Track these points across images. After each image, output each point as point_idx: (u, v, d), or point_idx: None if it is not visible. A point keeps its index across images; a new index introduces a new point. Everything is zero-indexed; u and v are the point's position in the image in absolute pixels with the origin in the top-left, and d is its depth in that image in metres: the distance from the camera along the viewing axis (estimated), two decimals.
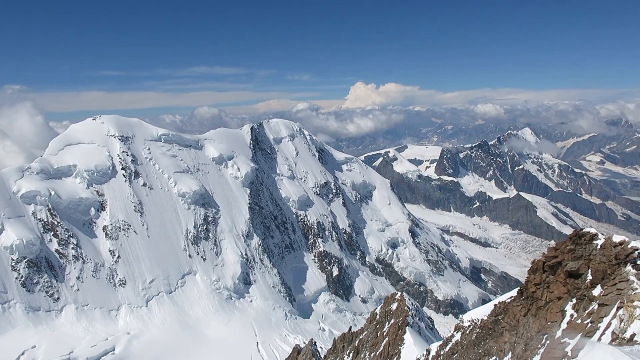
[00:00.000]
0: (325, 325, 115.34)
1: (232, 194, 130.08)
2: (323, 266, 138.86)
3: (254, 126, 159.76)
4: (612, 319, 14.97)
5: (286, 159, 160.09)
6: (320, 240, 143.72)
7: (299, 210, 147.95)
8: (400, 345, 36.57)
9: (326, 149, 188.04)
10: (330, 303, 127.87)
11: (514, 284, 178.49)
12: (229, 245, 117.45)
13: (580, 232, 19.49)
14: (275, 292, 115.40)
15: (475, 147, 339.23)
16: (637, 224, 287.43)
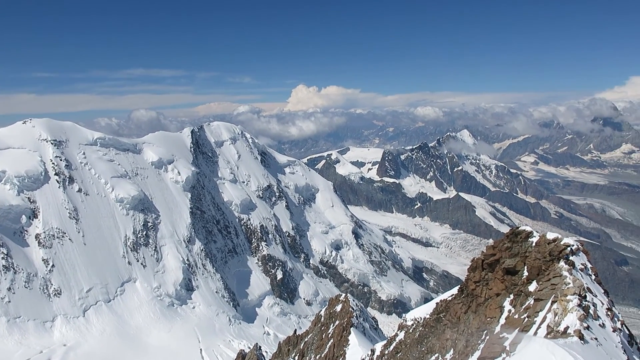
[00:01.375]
0: (270, 329, 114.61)
1: (172, 198, 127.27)
2: (267, 270, 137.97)
3: (194, 129, 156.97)
4: (547, 313, 15.44)
5: (228, 163, 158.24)
6: (263, 244, 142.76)
7: (241, 214, 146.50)
8: (345, 346, 36.69)
9: (268, 152, 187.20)
10: (275, 307, 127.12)
11: (455, 282, 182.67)
12: (170, 251, 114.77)
13: (516, 231, 20.12)
14: (219, 297, 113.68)
15: (415, 149, 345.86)
16: (569, 221, 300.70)
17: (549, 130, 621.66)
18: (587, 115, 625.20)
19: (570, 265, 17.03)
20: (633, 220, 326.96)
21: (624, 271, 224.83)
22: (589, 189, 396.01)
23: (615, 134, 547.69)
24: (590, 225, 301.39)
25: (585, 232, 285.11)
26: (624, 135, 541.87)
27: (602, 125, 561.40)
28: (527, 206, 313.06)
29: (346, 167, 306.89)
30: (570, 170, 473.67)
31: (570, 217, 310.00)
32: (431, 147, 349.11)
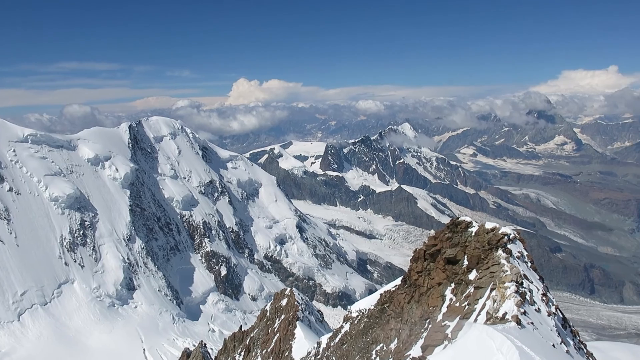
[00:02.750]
0: (215, 326, 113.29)
1: (110, 196, 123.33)
2: (211, 266, 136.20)
3: (132, 124, 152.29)
4: (486, 300, 15.86)
5: (168, 158, 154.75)
6: (206, 240, 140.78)
7: (183, 210, 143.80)
8: (292, 340, 36.67)
9: (210, 147, 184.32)
10: (220, 303, 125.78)
11: (398, 273, 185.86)
12: (109, 250, 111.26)
13: (457, 221, 20.56)
14: (162, 295, 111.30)
15: (358, 142, 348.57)
16: (507, 211, 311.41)
17: (487, 123, 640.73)
18: (522, 108, 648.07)
19: (507, 254, 17.53)
20: (566, 209, 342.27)
21: (557, 258, 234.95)
22: (525, 179, 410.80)
23: (548, 126, 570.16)
24: (526, 215, 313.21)
25: (522, 221, 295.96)
26: (557, 127, 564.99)
27: (537, 118, 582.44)
28: (467, 197, 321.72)
29: (289, 161, 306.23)
30: (507, 162, 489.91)
31: (508, 207, 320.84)
32: (373, 140, 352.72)
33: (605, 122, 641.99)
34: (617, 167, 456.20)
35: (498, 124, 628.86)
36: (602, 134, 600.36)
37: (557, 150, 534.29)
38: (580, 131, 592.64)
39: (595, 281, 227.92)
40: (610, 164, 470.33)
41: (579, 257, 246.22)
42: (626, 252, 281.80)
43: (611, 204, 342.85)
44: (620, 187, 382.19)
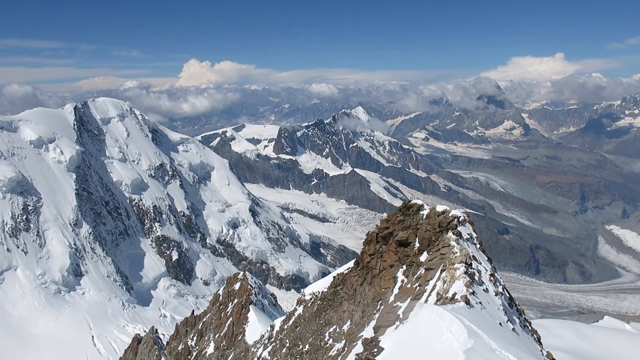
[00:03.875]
0: (166, 312, 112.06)
1: (55, 180, 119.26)
2: (162, 251, 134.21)
3: (77, 106, 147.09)
4: (436, 281, 16.03)
5: (116, 141, 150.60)
6: (157, 225, 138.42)
7: (132, 194, 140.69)
8: (245, 323, 36.51)
9: (160, 129, 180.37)
10: (171, 288, 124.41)
11: (351, 255, 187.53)
12: (54, 235, 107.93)
13: (408, 204, 20.68)
14: (110, 281, 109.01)
15: (311, 125, 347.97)
16: (457, 194, 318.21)
17: (439, 108, 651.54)
18: (473, 93, 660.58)
19: (457, 236, 17.77)
20: (513, 192, 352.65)
21: (505, 239, 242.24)
22: (475, 163, 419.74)
23: (498, 111, 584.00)
24: (476, 198, 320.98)
25: (471, 204, 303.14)
26: (506, 112, 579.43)
27: (487, 103, 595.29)
28: (419, 180, 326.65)
29: (242, 145, 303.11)
30: (458, 146, 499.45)
31: (458, 190, 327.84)
32: (327, 124, 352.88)
33: (552, 108, 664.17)
34: (562, 151, 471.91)
35: (449, 108, 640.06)
36: (549, 120, 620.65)
37: (506, 134, 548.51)
38: (528, 116, 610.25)
39: (540, 261, 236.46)
40: (555, 149, 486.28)
41: (525, 238, 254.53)
42: (569, 234, 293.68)
43: (556, 187, 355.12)
44: (564, 171, 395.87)
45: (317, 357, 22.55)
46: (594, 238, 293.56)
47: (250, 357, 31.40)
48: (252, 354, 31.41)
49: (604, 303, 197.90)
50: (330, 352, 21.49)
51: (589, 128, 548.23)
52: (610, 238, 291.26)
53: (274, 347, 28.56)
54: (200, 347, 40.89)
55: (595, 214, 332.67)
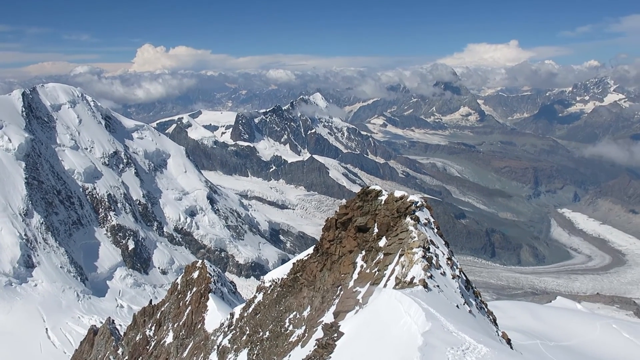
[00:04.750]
0: (123, 302, 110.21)
1: (3, 168, 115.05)
2: (117, 240, 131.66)
3: (25, 91, 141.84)
4: (395, 265, 16.18)
5: (68, 128, 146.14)
6: (112, 214, 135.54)
7: (86, 182, 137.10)
8: (204, 312, 36.30)
9: (113, 116, 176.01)
10: (128, 278, 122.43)
11: (311, 242, 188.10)
12: (4, 226, 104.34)
13: (367, 190, 20.78)
14: (64, 272, 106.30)
15: (269, 112, 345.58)
16: (415, 180, 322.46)
17: (396, 94, 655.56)
18: (430, 79, 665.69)
19: (415, 221, 17.95)
20: (470, 177, 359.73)
21: (462, 224, 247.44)
22: (432, 149, 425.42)
23: (454, 97, 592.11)
24: (433, 183, 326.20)
25: (429, 189, 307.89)
26: (462, 99, 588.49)
27: (443, 90, 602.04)
28: (377, 166, 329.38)
29: (198, 131, 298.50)
30: (416, 132, 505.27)
31: (416, 175, 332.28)
32: (285, 110, 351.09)
33: (506, 94, 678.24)
34: (516, 137, 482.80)
35: (407, 94, 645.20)
36: (503, 106, 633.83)
37: (462, 120, 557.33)
38: (483, 103, 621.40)
39: (496, 245, 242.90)
40: (510, 134, 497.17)
41: (481, 222, 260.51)
42: (523, 217, 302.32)
43: (511, 172, 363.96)
44: (518, 156, 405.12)
45: (278, 343, 22.56)
46: (546, 221, 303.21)
47: (210, 345, 31.22)
48: (212, 343, 31.23)
49: (557, 284, 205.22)
50: (291, 338, 21.53)
51: (542, 114, 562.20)
52: (562, 221, 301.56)
53: (234, 335, 28.45)
54: (158, 337, 40.47)
55: (548, 198, 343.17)
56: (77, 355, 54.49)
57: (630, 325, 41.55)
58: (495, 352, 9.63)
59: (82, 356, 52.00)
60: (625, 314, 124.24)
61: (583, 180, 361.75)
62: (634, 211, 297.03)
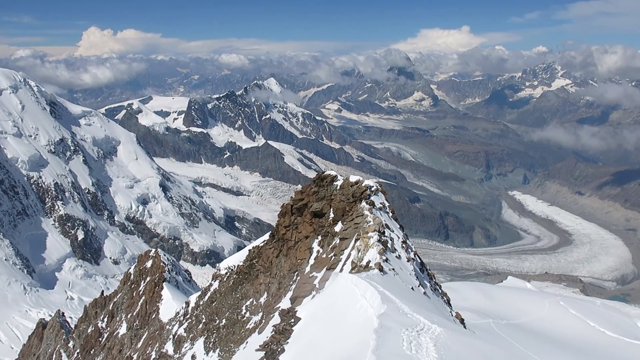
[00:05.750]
0: (73, 294, 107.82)
1: None
2: (66, 231, 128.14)
3: None
4: (351, 250, 16.28)
5: (10, 114, 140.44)
6: (60, 203, 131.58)
7: (30, 171, 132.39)
8: (159, 301, 35.93)
9: (59, 101, 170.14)
10: (78, 269, 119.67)
11: (267, 228, 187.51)
12: None
13: (322, 175, 20.78)
14: (9, 265, 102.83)
15: (223, 97, 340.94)
16: (370, 164, 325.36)
17: (350, 79, 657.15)
18: (384, 65, 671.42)
19: (370, 205, 18.07)
20: (423, 161, 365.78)
21: (416, 207, 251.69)
22: (387, 134, 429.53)
23: (408, 82, 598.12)
24: (388, 168, 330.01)
25: (384, 173, 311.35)
26: (415, 84, 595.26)
27: (397, 75, 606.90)
28: (332, 152, 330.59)
29: (150, 117, 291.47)
30: (370, 117, 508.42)
31: (371, 160, 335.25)
32: (238, 95, 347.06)
33: (459, 80, 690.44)
34: (468, 121, 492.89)
35: (361, 80, 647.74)
36: (456, 91, 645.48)
37: (415, 105, 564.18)
38: (436, 88, 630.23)
39: (450, 227, 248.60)
40: (462, 119, 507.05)
41: (435, 206, 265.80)
42: (476, 200, 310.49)
43: (463, 156, 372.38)
44: (471, 140, 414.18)
45: (235, 330, 22.45)
46: (498, 203, 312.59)
47: (165, 335, 30.84)
48: (167, 332, 30.86)
49: (508, 264, 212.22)
50: (248, 325, 21.45)
51: (493, 99, 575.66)
52: (512, 203, 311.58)
53: (189, 324, 28.19)
54: (111, 329, 39.81)
55: (499, 181, 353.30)
56: (25, 350, 53.04)
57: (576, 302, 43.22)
58: (448, 332, 9.79)
59: (30, 351, 50.66)
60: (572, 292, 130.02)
61: (532, 164, 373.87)
62: (580, 192, 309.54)
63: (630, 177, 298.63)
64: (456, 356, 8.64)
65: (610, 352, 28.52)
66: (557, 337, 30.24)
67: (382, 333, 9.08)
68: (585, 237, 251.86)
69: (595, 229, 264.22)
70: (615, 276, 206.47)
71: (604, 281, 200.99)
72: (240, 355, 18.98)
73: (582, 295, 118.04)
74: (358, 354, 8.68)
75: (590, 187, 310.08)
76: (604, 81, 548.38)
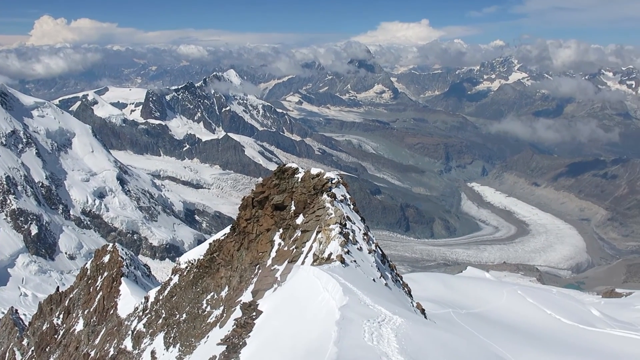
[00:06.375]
0: (27, 290, 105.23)
1: None
2: (18, 225, 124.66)
3: None
4: (313, 242, 16.34)
5: None
6: (12, 197, 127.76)
7: None
8: (117, 297, 35.61)
9: (10, 92, 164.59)
10: (32, 265, 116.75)
11: (228, 222, 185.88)
12: None
13: (283, 168, 20.77)
14: None
15: (181, 89, 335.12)
16: (331, 157, 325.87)
17: (311, 71, 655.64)
18: (344, 57, 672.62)
19: (332, 197, 18.13)
20: (384, 153, 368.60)
21: (377, 199, 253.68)
22: (347, 126, 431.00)
23: (368, 75, 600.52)
24: (349, 160, 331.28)
25: (345, 166, 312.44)
26: (376, 76, 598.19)
27: (358, 67, 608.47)
28: (293, 144, 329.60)
29: (106, 109, 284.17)
30: (331, 109, 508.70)
31: (332, 152, 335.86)
32: (197, 87, 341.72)
33: (418, 72, 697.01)
34: (428, 114, 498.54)
35: (322, 72, 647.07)
36: (416, 84, 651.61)
37: (376, 98, 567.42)
38: (396, 80, 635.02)
39: (410, 219, 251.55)
40: (422, 112, 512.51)
41: (396, 198, 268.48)
42: (436, 192, 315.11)
43: (423, 148, 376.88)
44: (430, 133, 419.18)
45: (195, 325, 22.27)
46: (457, 195, 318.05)
47: (124, 331, 30.41)
48: (126, 328, 30.43)
49: (467, 255, 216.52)
50: (209, 320, 21.31)
51: (452, 92, 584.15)
52: (471, 194, 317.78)
53: (149, 319, 27.84)
54: (67, 325, 39.13)
55: (459, 173, 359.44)
56: None
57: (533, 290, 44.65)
58: (409, 323, 9.89)
59: None
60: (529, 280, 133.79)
61: (490, 155, 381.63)
62: (536, 184, 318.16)
63: (584, 168, 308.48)
64: (417, 346, 8.74)
65: (566, 339, 29.51)
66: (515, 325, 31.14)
67: (343, 325, 9.11)
68: (542, 227, 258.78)
69: (551, 219, 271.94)
70: (570, 265, 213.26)
71: (560, 270, 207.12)
72: (201, 349, 18.82)
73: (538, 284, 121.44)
74: (320, 346, 8.68)
75: (546, 179, 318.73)
76: (558, 75, 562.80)
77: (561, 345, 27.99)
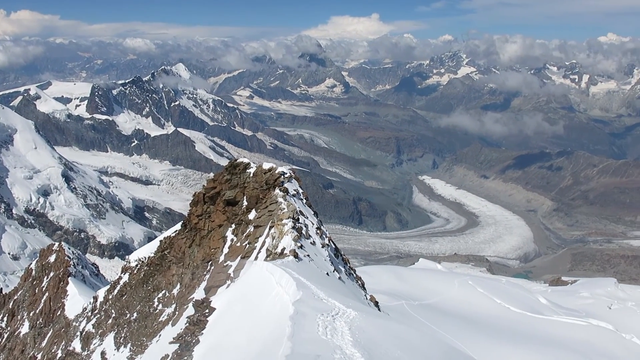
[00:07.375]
0: None
1: None
2: None
3: None
4: (266, 238, 16.35)
5: None
6: None
7: None
8: (64, 297, 34.81)
9: None
10: None
11: (178, 218, 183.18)
12: None
13: (235, 163, 20.65)
14: None
15: (129, 83, 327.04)
16: (283, 151, 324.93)
17: (262, 65, 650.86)
18: (295, 51, 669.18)
19: (284, 192, 18.16)
20: (336, 147, 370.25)
21: (330, 193, 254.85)
22: (299, 120, 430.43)
23: (320, 69, 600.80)
24: (302, 154, 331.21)
25: (297, 160, 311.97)
26: (327, 70, 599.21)
27: (309, 61, 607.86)
28: (245, 139, 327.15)
29: (49, 104, 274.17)
30: (282, 104, 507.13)
31: (284, 147, 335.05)
32: (145, 81, 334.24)
33: (369, 67, 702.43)
34: (379, 108, 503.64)
35: (273, 66, 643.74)
36: (367, 78, 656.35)
37: (327, 92, 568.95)
38: (347, 75, 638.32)
39: (363, 213, 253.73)
40: (373, 105, 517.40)
41: (348, 191, 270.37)
42: (388, 185, 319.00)
43: (375, 142, 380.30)
44: (382, 127, 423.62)
45: (147, 324, 21.92)
46: (409, 188, 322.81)
47: (72, 332, 29.68)
48: (74, 329, 29.71)
49: (419, 247, 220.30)
50: (161, 318, 21.01)
51: (402, 86, 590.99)
52: (422, 187, 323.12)
53: (98, 319, 27.27)
54: (12, 328, 38.08)
55: (410, 166, 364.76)
56: None
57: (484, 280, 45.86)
58: (363, 315, 10.04)
59: None
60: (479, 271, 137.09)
61: (440, 149, 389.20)
62: (485, 176, 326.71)
63: (530, 160, 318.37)
64: (371, 339, 8.87)
65: (515, 327, 30.53)
66: (466, 314, 31.95)
67: (297, 319, 9.18)
68: (491, 219, 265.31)
69: (500, 211, 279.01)
70: (519, 255, 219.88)
71: (509, 260, 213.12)
72: (153, 349, 18.56)
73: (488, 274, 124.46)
74: (274, 341, 8.72)
75: (494, 171, 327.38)
76: (505, 69, 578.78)
77: (511, 333, 28.94)
